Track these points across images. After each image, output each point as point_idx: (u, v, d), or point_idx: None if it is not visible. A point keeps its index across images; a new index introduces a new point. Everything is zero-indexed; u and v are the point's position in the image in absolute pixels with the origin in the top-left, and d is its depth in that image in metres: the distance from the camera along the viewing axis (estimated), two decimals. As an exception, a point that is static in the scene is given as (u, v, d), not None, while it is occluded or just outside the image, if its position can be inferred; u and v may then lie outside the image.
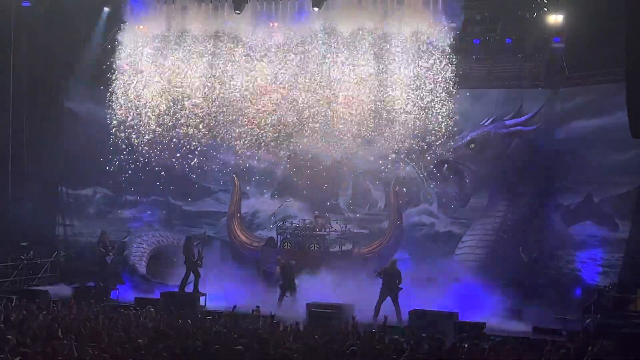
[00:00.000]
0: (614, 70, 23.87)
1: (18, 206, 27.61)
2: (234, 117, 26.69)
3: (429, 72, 25.08)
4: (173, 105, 26.99)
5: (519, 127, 25.71)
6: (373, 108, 25.54)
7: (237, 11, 25.35)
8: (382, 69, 25.42)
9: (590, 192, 24.89)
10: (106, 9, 27.39)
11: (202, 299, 23.86)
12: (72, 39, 27.77)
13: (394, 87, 25.37)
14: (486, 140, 26.06)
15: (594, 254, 24.65)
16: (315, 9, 24.58)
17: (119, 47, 26.90)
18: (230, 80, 26.53)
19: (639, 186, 23.62)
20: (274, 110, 26.33)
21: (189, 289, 24.31)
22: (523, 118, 25.69)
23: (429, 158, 26.05)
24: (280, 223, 26.74)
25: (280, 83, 26.18)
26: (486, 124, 26.12)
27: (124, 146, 27.04)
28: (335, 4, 25.14)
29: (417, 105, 25.19)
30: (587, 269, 24.57)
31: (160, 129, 27.08)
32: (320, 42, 25.68)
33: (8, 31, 27.25)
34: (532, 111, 25.66)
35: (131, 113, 27.05)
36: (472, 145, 26.11)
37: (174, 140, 27.13)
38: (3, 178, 27.73)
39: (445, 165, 26.25)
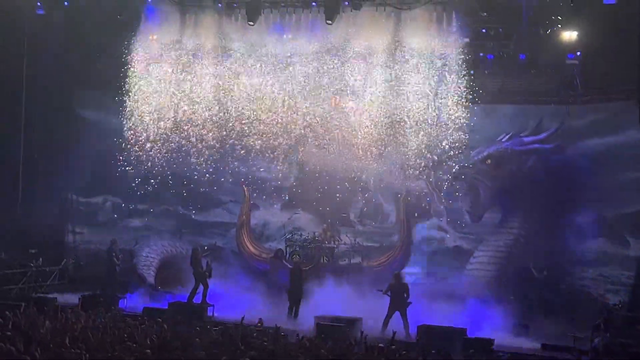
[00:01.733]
0: (627, 88, 23.82)
1: (28, 213, 27.66)
2: (246, 128, 26.78)
3: (441, 87, 25.13)
4: (185, 115, 27.08)
5: (536, 145, 25.63)
6: (385, 121, 25.63)
7: (251, 22, 25.37)
8: (395, 82, 25.47)
9: (602, 210, 24.78)
10: (120, 18, 27.46)
11: (209, 309, 23.82)
12: (86, 47, 27.86)
13: (406, 100, 25.43)
14: (503, 157, 25.99)
15: (605, 271, 24.54)
16: (329, 22, 24.62)
17: (132, 56, 27.00)
18: (242, 91, 26.61)
19: (651, 204, 23.58)
20: (285, 122, 26.39)
21: (197, 299, 24.27)
22: (541, 136, 25.62)
23: (440, 172, 26.03)
24: (290, 235, 26.72)
25: (292, 95, 26.24)
26: (503, 140, 26.05)
27: (135, 155, 27.10)
28: (348, 18, 25.17)
29: (429, 119, 25.24)
30: (598, 287, 24.45)
31: (171, 139, 27.17)
32: (333, 55, 25.73)
33: (22, 39, 27.39)
34: (546, 128, 25.60)
35: (143, 122, 27.15)
36: (489, 160, 26.05)
37: (185, 150, 27.22)
38: (14, 185, 27.81)
39: (461, 180, 26.17)
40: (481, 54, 25.45)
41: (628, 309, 22.46)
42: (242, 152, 27.03)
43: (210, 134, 27.00)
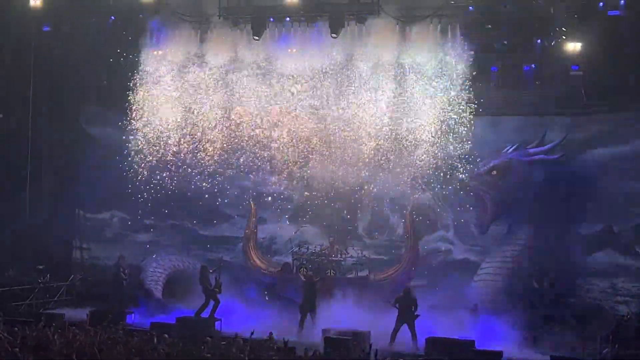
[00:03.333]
0: (632, 99, 23.81)
1: (35, 229, 27.72)
2: (251, 142, 26.84)
3: (446, 99, 25.15)
4: (190, 130, 27.16)
5: (541, 156, 25.62)
6: (391, 134, 25.66)
7: (256, 37, 25.49)
8: (400, 95, 25.53)
9: (610, 221, 24.75)
10: (125, 34, 27.57)
11: (217, 324, 23.79)
12: (92, 64, 27.99)
13: (411, 113, 25.48)
14: (508, 168, 25.97)
15: (614, 282, 24.48)
16: (334, 35, 24.73)
17: (138, 71, 27.10)
18: (249, 106, 26.69)
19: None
20: (292, 136, 26.46)
21: (205, 313, 24.25)
22: (546, 147, 25.61)
23: (446, 184, 26.02)
24: (297, 248, 26.72)
25: (298, 109, 26.33)
26: (509, 151, 26.06)
27: (141, 170, 27.16)
28: (353, 32, 25.26)
29: (435, 131, 25.27)
30: (607, 298, 24.38)
31: (177, 154, 27.24)
32: (338, 68, 25.82)
33: (28, 56, 27.54)
34: (551, 139, 25.61)
35: (149, 138, 27.22)
36: (494, 172, 26.02)
37: (192, 164, 27.29)
38: (21, 201, 27.88)
39: (467, 192, 26.16)
40: (486, 66, 25.49)
41: (637, 320, 22.37)
42: (249, 166, 27.08)
43: (217, 149, 27.06)
